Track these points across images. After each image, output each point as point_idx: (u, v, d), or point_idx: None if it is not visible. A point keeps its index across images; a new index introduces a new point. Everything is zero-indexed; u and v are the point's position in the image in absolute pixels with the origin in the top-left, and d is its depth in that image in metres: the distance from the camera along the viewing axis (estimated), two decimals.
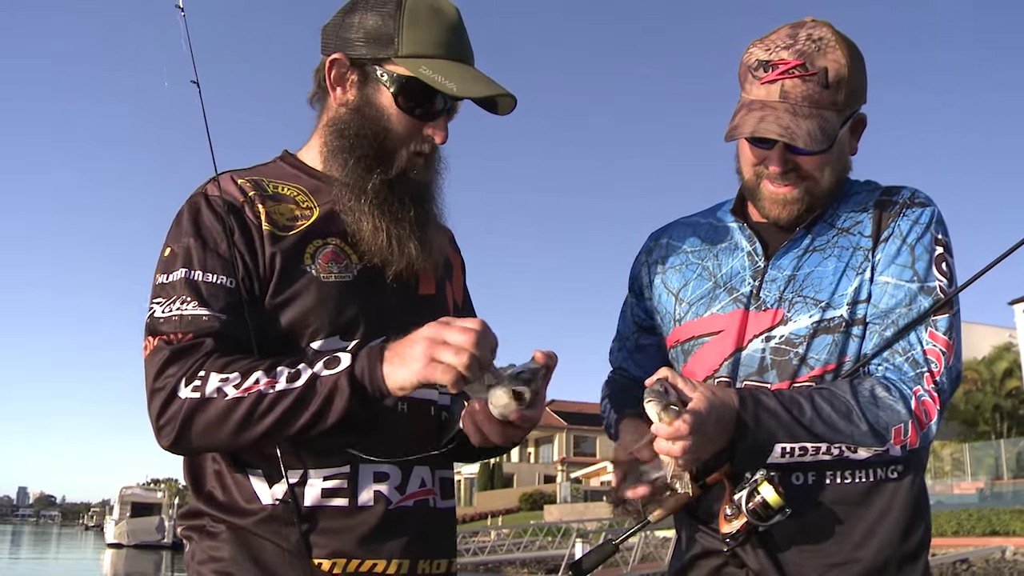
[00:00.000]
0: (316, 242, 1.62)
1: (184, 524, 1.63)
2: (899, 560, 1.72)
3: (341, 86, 1.69)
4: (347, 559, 1.54)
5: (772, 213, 1.82)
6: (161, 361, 1.49)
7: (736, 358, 1.80)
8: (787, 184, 1.78)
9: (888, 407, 1.64)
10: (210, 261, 1.56)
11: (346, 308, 1.59)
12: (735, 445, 1.60)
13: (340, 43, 1.68)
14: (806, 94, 1.72)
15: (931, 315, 1.71)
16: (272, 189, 1.67)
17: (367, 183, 1.63)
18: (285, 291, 1.57)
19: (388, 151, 1.66)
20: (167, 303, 1.53)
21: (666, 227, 2.08)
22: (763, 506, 1.59)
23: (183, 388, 1.46)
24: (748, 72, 1.79)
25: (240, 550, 1.54)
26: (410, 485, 1.62)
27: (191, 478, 1.63)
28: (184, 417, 1.45)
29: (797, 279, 1.80)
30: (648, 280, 2.04)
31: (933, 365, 1.69)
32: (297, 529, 1.53)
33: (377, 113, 1.66)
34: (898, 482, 1.74)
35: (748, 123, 1.73)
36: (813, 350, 1.75)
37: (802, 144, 1.68)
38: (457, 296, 1.88)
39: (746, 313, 1.81)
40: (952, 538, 22.39)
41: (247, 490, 1.57)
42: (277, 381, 1.45)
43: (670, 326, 1.94)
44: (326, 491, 1.55)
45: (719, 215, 2.00)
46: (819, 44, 1.73)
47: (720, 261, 1.91)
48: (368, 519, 1.56)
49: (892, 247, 1.76)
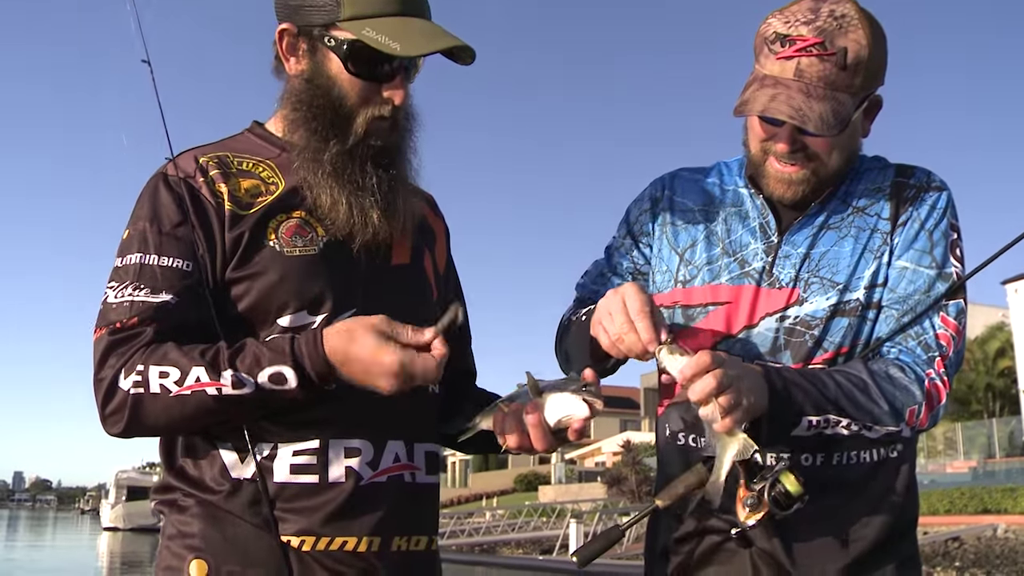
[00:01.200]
0: (280, 216, 1.58)
1: (157, 499, 1.62)
2: (898, 535, 1.74)
3: (294, 56, 1.65)
4: (316, 537, 1.51)
5: (776, 192, 1.78)
6: (102, 350, 1.48)
7: (747, 336, 1.76)
8: (794, 164, 1.74)
9: (903, 388, 1.64)
10: (165, 244, 1.53)
11: (312, 282, 1.56)
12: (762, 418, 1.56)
13: (288, 11, 1.63)
14: (822, 75, 1.66)
15: (944, 301, 1.71)
16: (237, 166, 1.63)
17: (323, 154, 1.59)
18: (248, 268, 1.54)
19: (344, 119, 1.61)
20: (120, 287, 1.51)
21: (671, 178, 1.99)
22: (785, 495, 1.57)
23: (122, 379, 1.45)
24: (764, 44, 1.72)
25: (210, 525, 1.52)
26: (383, 460, 1.59)
27: (164, 452, 1.61)
28: (131, 409, 1.45)
29: (812, 258, 1.76)
30: (650, 229, 1.95)
31: (944, 349, 1.69)
32: (265, 506, 1.51)
33: (328, 82, 1.60)
34: (898, 461, 1.76)
35: (759, 100, 1.67)
36: (829, 332, 1.73)
37: (813, 128, 1.63)
38: (440, 264, 1.83)
39: (758, 289, 1.77)
40: (944, 516, 22.56)
41: (217, 464, 1.54)
42: (221, 384, 1.44)
43: (670, 285, 1.88)
44: (295, 467, 1.53)
45: (727, 177, 1.93)
46: (841, 22, 1.66)
47: (729, 227, 1.85)
48: (337, 496, 1.53)
49: (911, 232, 1.75)
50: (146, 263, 1.52)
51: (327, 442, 1.54)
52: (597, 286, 1.99)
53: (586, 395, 1.45)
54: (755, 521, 1.59)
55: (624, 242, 1.99)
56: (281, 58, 1.67)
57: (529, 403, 1.49)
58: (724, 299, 1.80)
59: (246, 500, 1.52)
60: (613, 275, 1.98)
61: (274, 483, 1.52)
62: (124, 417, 1.46)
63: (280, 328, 1.54)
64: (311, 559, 1.51)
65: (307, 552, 1.51)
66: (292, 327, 1.53)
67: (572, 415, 1.45)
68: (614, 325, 1.59)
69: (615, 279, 1.97)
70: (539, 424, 1.49)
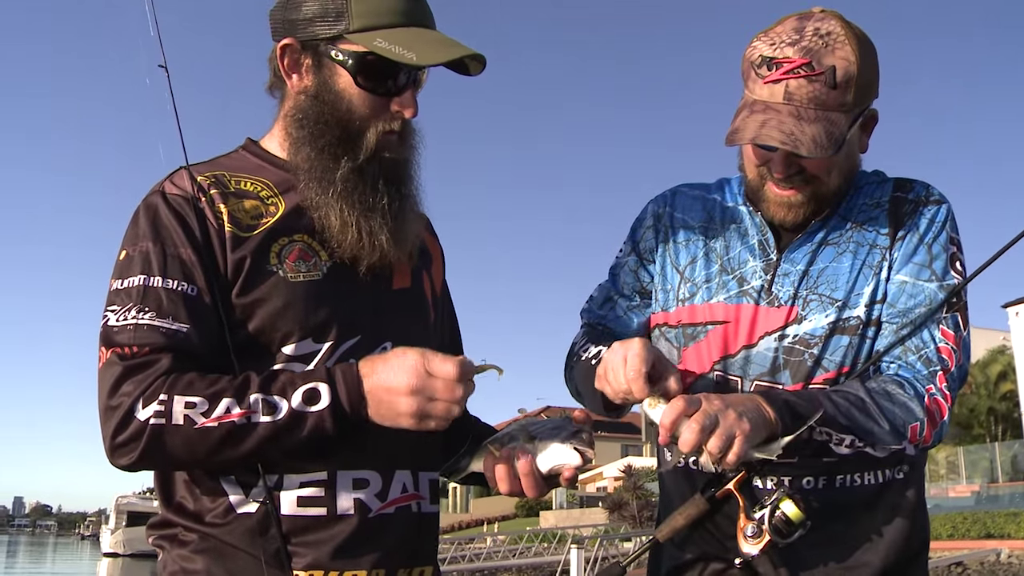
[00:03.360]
0: (282, 240, 1.53)
1: (155, 534, 1.55)
2: (905, 561, 1.71)
3: (296, 72, 1.59)
4: (324, 571, 1.47)
5: (777, 216, 1.76)
6: (115, 377, 1.40)
7: (746, 356, 1.74)
8: (792, 187, 1.72)
9: (902, 404, 1.60)
10: (170, 266, 1.47)
11: (317, 309, 1.51)
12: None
13: (288, 27, 1.58)
14: (812, 95, 1.62)
15: (942, 312, 1.68)
16: (234, 185, 1.57)
17: (335, 173, 1.54)
18: (251, 294, 1.49)
19: (354, 135, 1.56)
20: (122, 311, 1.44)
21: (672, 195, 1.97)
22: (785, 523, 1.55)
23: (140, 409, 1.38)
24: (751, 69, 1.70)
25: (214, 561, 1.47)
26: (392, 491, 1.55)
27: (161, 486, 1.55)
28: (148, 440, 1.38)
29: (811, 275, 1.74)
30: (654, 246, 1.94)
31: (946, 363, 1.66)
32: (274, 540, 1.46)
33: (337, 97, 1.55)
34: (904, 483, 1.73)
35: (749, 128, 1.64)
36: (829, 351, 1.70)
37: (806, 152, 1.60)
38: (436, 286, 1.78)
39: (757, 308, 1.75)
40: (947, 541, 22.38)
41: (220, 498, 1.49)
42: (253, 412, 1.39)
43: (673, 304, 1.86)
44: (302, 499, 1.49)
45: (728, 195, 1.91)
46: (827, 40, 1.63)
47: (728, 244, 1.84)
48: (345, 529, 1.49)
49: (909, 246, 1.72)
50: (150, 285, 1.46)
51: (335, 473, 1.50)
52: (604, 311, 1.97)
53: (577, 443, 1.45)
54: (758, 550, 1.57)
55: (628, 260, 1.97)
56: (281, 75, 1.61)
57: (520, 449, 1.48)
58: (723, 318, 1.78)
59: (252, 534, 1.47)
60: (620, 297, 1.96)
61: (282, 516, 1.48)
62: (138, 449, 1.39)
63: (285, 356, 1.50)
64: None
65: None
66: (297, 355, 1.50)
67: (564, 464, 1.45)
68: (616, 382, 1.58)
69: (621, 302, 1.95)
70: (531, 473, 1.47)
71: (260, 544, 1.47)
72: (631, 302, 1.95)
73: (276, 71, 1.63)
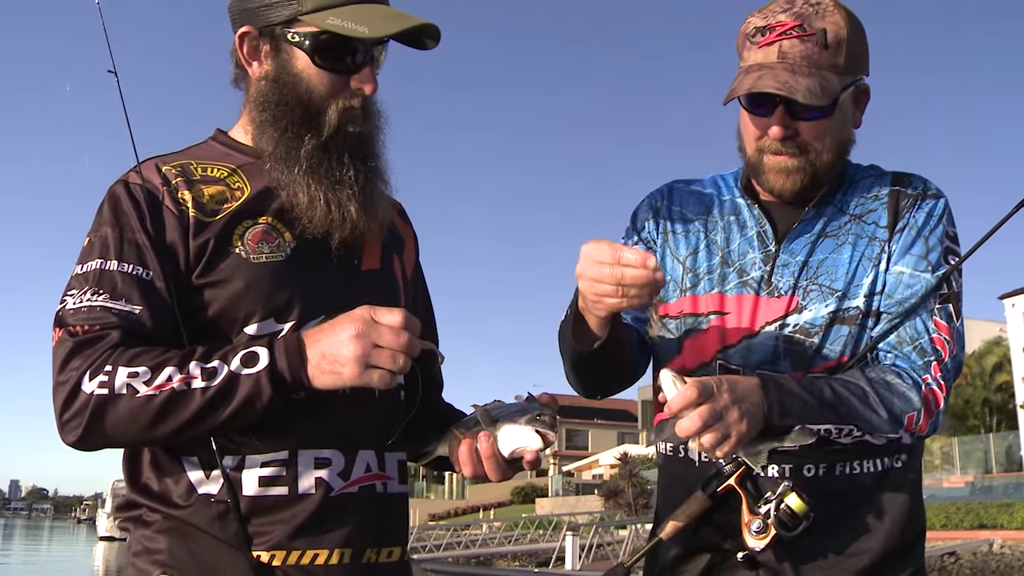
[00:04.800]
0: (246, 223, 1.55)
1: (122, 516, 1.57)
2: (903, 549, 1.73)
3: (256, 59, 1.62)
4: (287, 551, 1.48)
5: (776, 185, 1.77)
6: (64, 353, 1.42)
7: (747, 345, 1.75)
8: (788, 153, 1.74)
9: (901, 394, 1.63)
10: (126, 251, 1.49)
11: (278, 289, 1.52)
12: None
13: (246, 15, 1.61)
14: (805, 54, 1.68)
15: (935, 303, 1.71)
16: (200, 172, 1.60)
17: (299, 151, 1.57)
18: (214, 276, 1.51)
19: (315, 113, 1.59)
20: (79, 294, 1.47)
21: (668, 189, 1.99)
22: (790, 516, 1.57)
23: (87, 382, 1.39)
24: (746, 40, 1.76)
25: (176, 541, 1.48)
26: (355, 470, 1.55)
27: (128, 468, 1.56)
28: (92, 413, 1.38)
29: (811, 266, 1.76)
30: (655, 236, 1.94)
31: (939, 354, 1.69)
32: (235, 521, 1.46)
33: (295, 79, 1.59)
34: (902, 471, 1.75)
35: (745, 83, 1.68)
36: (829, 340, 1.73)
37: (801, 98, 1.63)
38: (408, 269, 1.80)
39: (757, 298, 1.77)
40: (940, 531, 22.51)
41: (182, 479, 1.50)
42: (192, 378, 1.39)
43: (676, 294, 1.87)
44: (264, 479, 1.49)
45: (724, 189, 1.94)
46: (817, 8, 1.70)
47: (728, 236, 1.86)
48: (307, 508, 1.49)
49: (908, 238, 1.75)
50: (106, 269, 1.48)
51: (296, 452, 1.51)
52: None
53: (539, 426, 1.44)
54: (763, 545, 1.59)
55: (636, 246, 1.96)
56: (243, 64, 1.64)
57: (482, 433, 1.47)
58: (723, 309, 1.80)
59: (213, 515, 1.47)
60: None
61: (243, 497, 1.48)
62: (83, 423, 1.39)
63: (247, 337, 1.50)
64: (281, 574, 1.48)
65: (277, 567, 1.47)
66: (259, 335, 1.50)
67: (525, 447, 1.45)
68: (606, 266, 1.46)
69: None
70: (493, 455, 1.47)
71: (221, 525, 1.47)
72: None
73: (238, 62, 1.65)
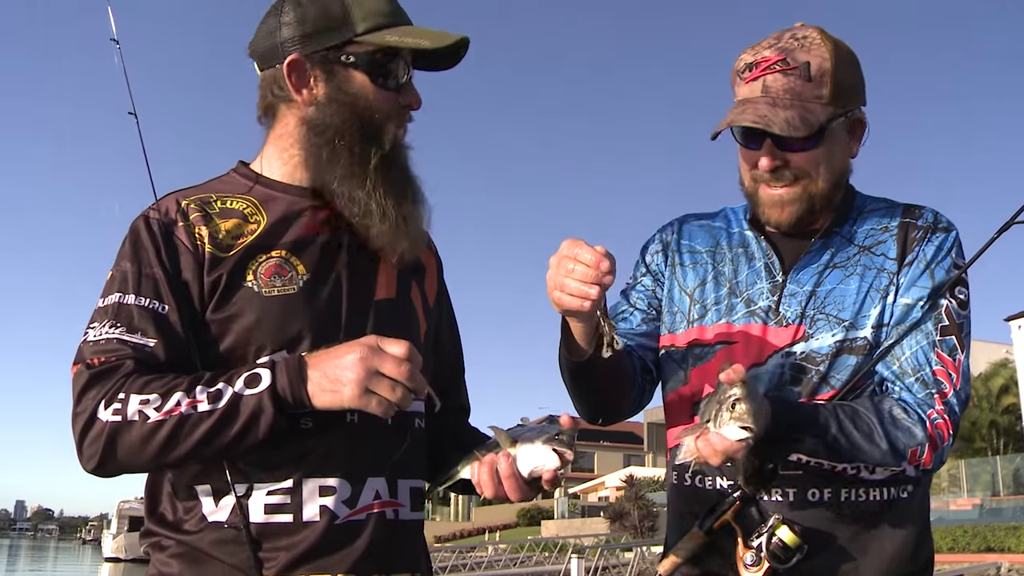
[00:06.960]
0: (259, 257, 1.58)
1: (144, 543, 1.62)
2: None
3: (306, 87, 1.63)
4: None
5: (772, 217, 1.81)
6: (81, 385, 1.46)
7: (754, 373, 1.75)
8: (782, 184, 1.78)
9: (906, 429, 1.64)
10: (144, 285, 1.53)
11: (290, 322, 1.55)
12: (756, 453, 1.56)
13: (287, 46, 1.62)
14: (787, 87, 1.73)
15: (937, 335, 1.72)
16: (219, 206, 1.62)
17: (368, 165, 1.61)
18: (226, 310, 1.54)
19: (376, 129, 1.62)
20: (100, 327, 1.51)
21: (680, 223, 2.04)
22: (782, 549, 1.60)
23: (102, 410, 1.43)
24: (736, 76, 1.82)
25: (188, 566, 1.52)
26: (362, 498, 1.57)
27: (148, 498, 1.60)
28: (106, 440, 1.43)
29: (818, 295, 1.78)
30: (663, 269, 1.99)
31: (943, 386, 1.69)
32: (243, 547, 1.50)
33: (354, 98, 1.62)
34: (909, 501, 1.75)
35: (728, 118, 1.74)
36: (835, 370, 1.73)
37: (778, 129, 1.67)
38: (429, 297, 1.80)
39: (764, 327, 1.79)
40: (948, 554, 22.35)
41: (195, 507, 1.54)
42: (198, 401, 1.42)
43: (683, 325, 1.90)
44: (270, 507, 1.52)
45: (733, 221, 1.98)
46: (802, 41, 1.75)
47: (736, 268, 1.89)
48: (311, 534, 1.52)
49: (916, 271, 1.76)
50: (124, 303, 1.52)
51: (301, 481, 1.53)
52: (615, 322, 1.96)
53: (557, 445, 1.46)
54: None
55: (643, 280, 2.02)
56: (281, 97, 1.65)
57: (501, 453, 1.50)
58: (732, 338, 1.82)
59: (222, 541, 1.51)
60: (634, 310, 1.99)
61: (251, 523, 1.51)
62: (99, 449, 1.43)
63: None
64: None
65: None
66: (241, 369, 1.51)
67: (543, 466, 1.47)
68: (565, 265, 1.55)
69: (636, 314, 1.98)
70: (512, 476, 1.49)
71: (230, 551, 1.51)
72: (647, 315, 1.98)
73: (274, 93, 1.66)
